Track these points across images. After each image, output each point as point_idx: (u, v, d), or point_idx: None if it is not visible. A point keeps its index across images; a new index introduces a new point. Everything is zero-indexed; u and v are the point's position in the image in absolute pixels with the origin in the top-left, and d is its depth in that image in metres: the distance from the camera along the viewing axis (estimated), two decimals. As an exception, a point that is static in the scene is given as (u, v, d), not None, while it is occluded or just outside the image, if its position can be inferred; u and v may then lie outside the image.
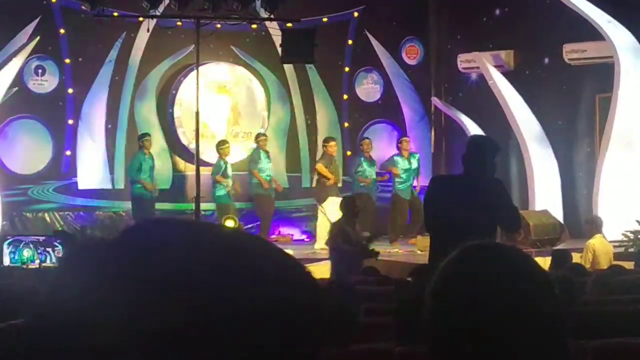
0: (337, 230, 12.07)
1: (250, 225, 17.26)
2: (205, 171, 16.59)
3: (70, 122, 17.66)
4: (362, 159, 17.52)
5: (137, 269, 0.95)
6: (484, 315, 1.70)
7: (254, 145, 17.51)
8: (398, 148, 17.76)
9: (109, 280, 0.95)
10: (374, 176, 17.44)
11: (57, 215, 17.44)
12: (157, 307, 0.93)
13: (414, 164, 17.50)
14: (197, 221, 0.99)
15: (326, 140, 17.54)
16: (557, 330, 1.74)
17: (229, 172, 16.90)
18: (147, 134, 17.20)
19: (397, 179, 17.33)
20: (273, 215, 17.38)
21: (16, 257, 14.15)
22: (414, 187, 17.29)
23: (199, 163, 15.63)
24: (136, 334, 0.92)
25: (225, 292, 0.95)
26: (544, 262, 10.47)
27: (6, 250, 14.30)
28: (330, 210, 16.64)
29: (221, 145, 17.03)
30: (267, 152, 17.28)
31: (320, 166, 17.01)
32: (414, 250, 15.85)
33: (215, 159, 17.08)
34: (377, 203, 17.51)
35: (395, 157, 17.51)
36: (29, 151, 17.32)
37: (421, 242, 15.19)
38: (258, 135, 17.61)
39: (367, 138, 18.06)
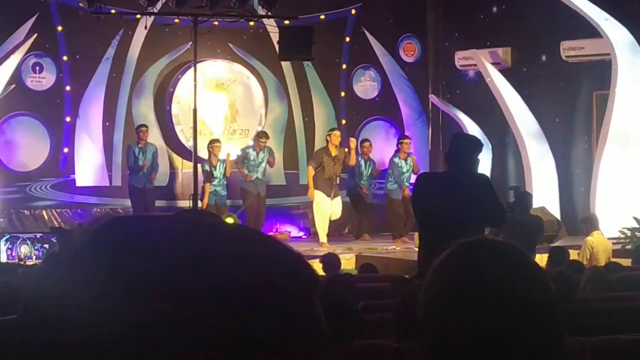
0: None
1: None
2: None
3: (68, 119, 17.64)
4: (361, 159, 17.47)
5: (117, 263, 0.96)
6: (479, 312, 1.70)
7: (251, 143, 17.44)
8: (398, 148, 17.60)
9: (90, 275, 0.95)
10: (369, 174, 17.45)
11: (54, 213, 17.43)
12: (140, 300, 0.93)
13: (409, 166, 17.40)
14: (180, 215, 0.98)
15: (330, 130, 17.27)
16: (553, 326, 1.74)
17: (219, 171, 16.78)
18: (143, 125, 17.26)
19: (388, 179, 17.33)
20: (264, 214, 17.24)
21: (13, 254, 14.16)
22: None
23: (197, 160, 15.62)
24: (119, 328, 0.92)
25: (209, 283, 0.95)
26: (541, 259, 10.48)
27: (3, 247, 14.31)
28: (319, 201, 16.56)
29: (211, 143, 16.93)
30: (259, 153, 17.07)
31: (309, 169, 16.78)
32: (412, 247, 15.83)
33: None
34: (375, 201, 17.54)
35: (394, 160, 17.35)
36: (26, 148, 17.30)
37: (417, 239, 15.14)
38: (259, 135, 17.41)
39: (368, 140, 17.93)
